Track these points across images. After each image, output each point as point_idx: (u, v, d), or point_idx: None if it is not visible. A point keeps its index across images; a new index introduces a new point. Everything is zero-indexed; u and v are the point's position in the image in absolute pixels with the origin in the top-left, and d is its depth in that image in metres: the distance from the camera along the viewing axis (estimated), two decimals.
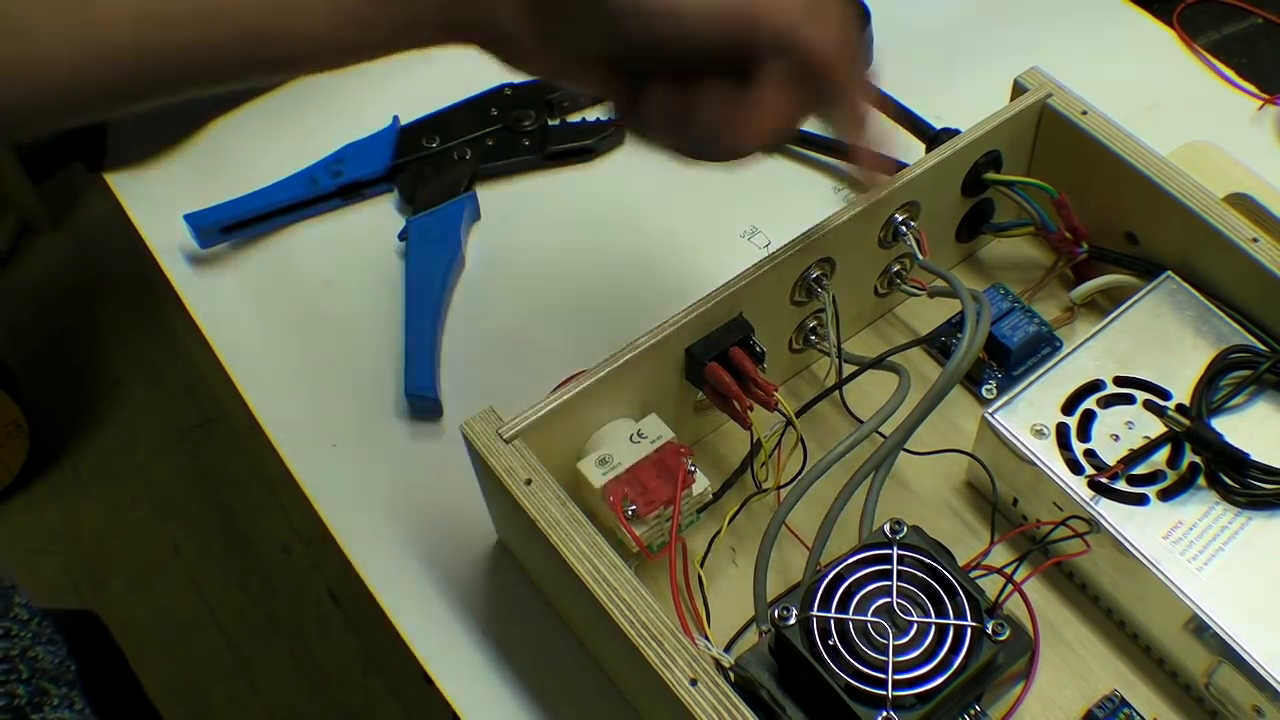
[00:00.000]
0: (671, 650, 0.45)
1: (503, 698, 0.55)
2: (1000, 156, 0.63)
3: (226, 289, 0.71)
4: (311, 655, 1.44)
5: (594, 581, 0.47)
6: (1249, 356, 0.56)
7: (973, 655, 0.46)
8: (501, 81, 0.78)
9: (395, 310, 0.68)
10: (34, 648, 0.40)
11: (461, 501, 0.60)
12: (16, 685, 0.40)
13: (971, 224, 0.66)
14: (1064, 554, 0.54)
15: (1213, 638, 0.49)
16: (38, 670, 0.39)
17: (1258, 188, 0.67)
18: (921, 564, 0.48)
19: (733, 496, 0.58)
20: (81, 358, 1.71)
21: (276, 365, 0.68)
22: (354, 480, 0.63)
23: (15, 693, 0.40)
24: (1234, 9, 0.84)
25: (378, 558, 0.60)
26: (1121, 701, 0.53)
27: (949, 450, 0.59)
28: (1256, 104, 0.76)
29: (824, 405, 0.61)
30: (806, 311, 0.60)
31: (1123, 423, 0.55)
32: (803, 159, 0.76)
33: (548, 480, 0.50)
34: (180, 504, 1.58)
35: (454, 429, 0.64)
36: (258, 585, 1.50)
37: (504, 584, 0.59)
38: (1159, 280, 0.59)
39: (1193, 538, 0.52)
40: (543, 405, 0.52)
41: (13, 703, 0.40)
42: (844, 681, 0.45)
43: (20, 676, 0.39)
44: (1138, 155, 0.60)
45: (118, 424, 1.65)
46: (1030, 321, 0.63)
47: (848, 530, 0.54)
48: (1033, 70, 0.63)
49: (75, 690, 0.42)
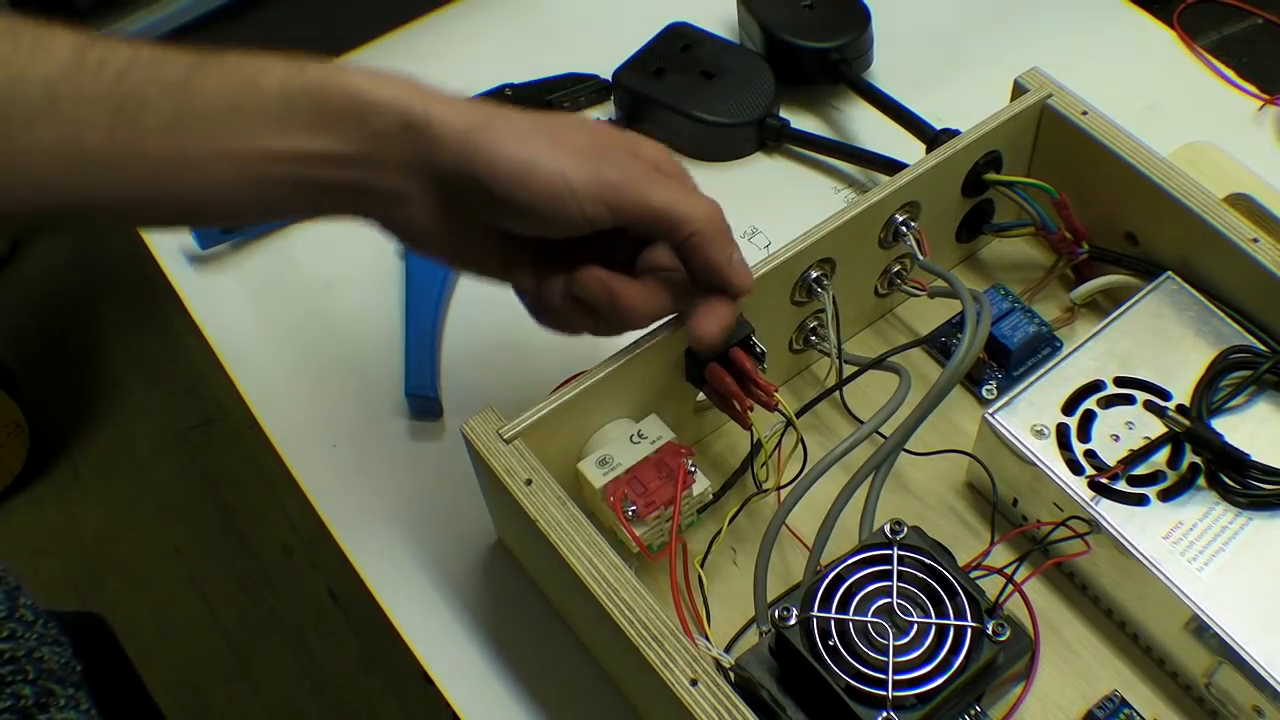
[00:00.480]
0: (671, 650, 0.45)
1: (503, 698, 0.55)
2: (1000, 157, 0.63)
3: (226, 289, 0.71)
4: (311, 655, 1.44)
5: (594, 581, 0.47)
6: (1249, 357, 0.56)
7: (973, 655, 0.46)
8: (502, 82, 0.78)
9: (395, 310, 0.68)
10: (40, 649, 0.40)
11: (461, 501, 0.60)
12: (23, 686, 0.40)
13: (972, 224, 0.66)
14: (1064, 554, 0.54)
15: (1213, 638, 0.49)
16: (44, 671, 0.40)
17: (1258, 188, 0.67)
18: (922, 564, 0.48)
19: (733, 497, 0.58)
20: (81, 358, 1.71)
21: (276, 365, 0.68)
22: (354, 480, 0.63)
23: (21, 693, 0.40)
24: (1234, 9, 0.84)
25: (378, 558, 0.60)
26: (1122, 702, 0.53)
27: (949, 450, 0.59)
28: (1256, 104, 0.76)
29: (824, 405, 0.61)
30: (806, 311, 0.60)
31: (1123, 423, 0.55)
32: (803, 159, 0.76)
33: (548, 480, 0.50)
34: (180, 504, 1.58)
35: (454, 429, 0.64)
36: (258, 585, 1.50)
37: (504, 584, 0.59)
38: (1159, 280, 0.59)
39: (1193, 538, 0.52)
40: (543, 406, 0.52)
41: (19, 704, 0.40)
42: (844, 682, 0.45)
43: (26, 677, 0.39)
44: (1138, 155, 0.60)
45: (118, 424, 1.65)
46: (1030, 322, 0.63)
47: (848, 530, 0.54)
48: (1033, 70, 0.63)
49: (81, 691, 0.42)
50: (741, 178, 0.75)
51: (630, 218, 0.46)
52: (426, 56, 0.82)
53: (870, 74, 0.79)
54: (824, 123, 0.78)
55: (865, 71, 0.79)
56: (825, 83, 0.78)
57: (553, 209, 0.45)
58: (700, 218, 0.47)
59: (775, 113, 0.76)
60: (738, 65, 0.77)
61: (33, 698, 0.38)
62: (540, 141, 0.45)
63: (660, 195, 0.46)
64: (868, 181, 0.74)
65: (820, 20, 0.77)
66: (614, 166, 0.46)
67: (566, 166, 0.45)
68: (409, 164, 0.45)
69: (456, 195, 0.46)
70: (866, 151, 0.74)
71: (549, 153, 0.45)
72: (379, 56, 0.82)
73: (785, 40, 0.77)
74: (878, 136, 0.75)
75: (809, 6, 0.78)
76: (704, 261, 0.47)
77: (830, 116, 0.78)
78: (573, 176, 0.45)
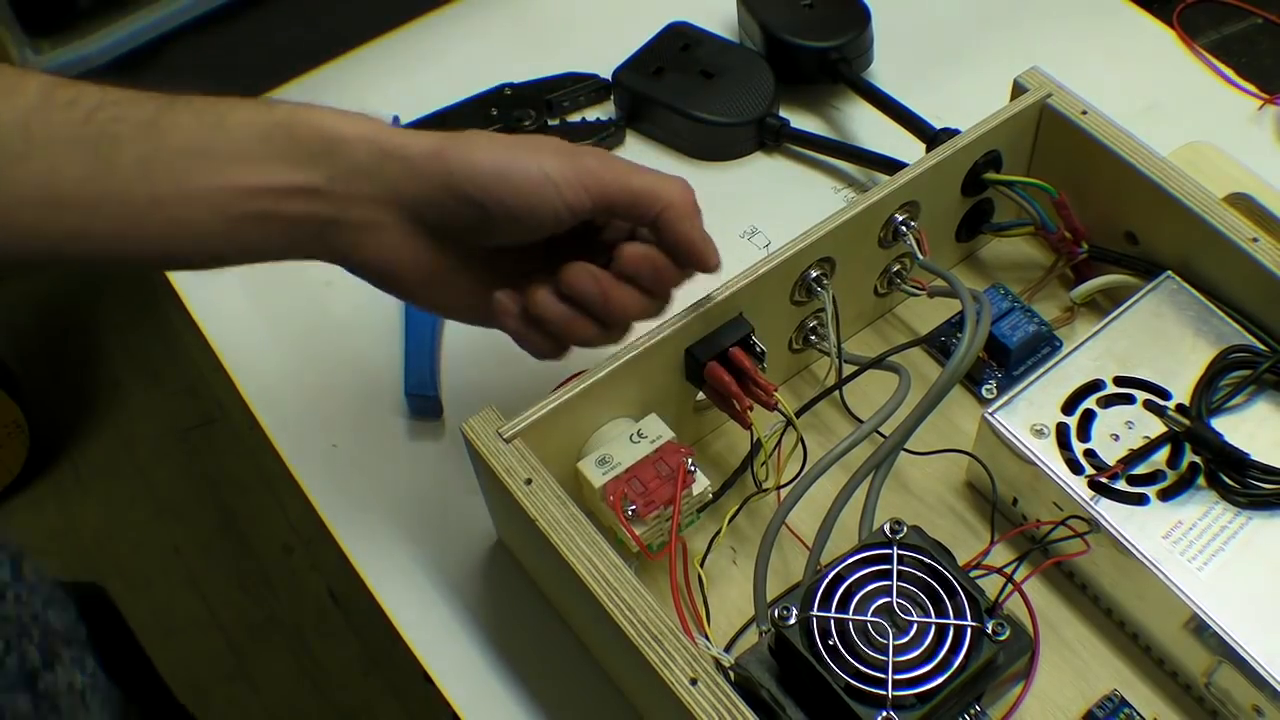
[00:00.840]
0: (671, 650, 0.45)
1: (503, 698, 0.55)
2: (1000, 156, 0.63)
3: (226, 289, 0.71)
4: (311, 655, 1.44)
5: (594, 581, 0.47)
6: (1249, 356, 0.56)
7: (973, 655, 0.46)
8: (501, 81, 0.78)
9: (395, 310, 0.68)
10: (45, 612, 0.41)
11: (461, 501, 0.60)
12: (29, 646, 0.41)
13: (971, 224, 0.66)
14: (1064, 554, 0.54)
15: (1212, 637, 0.49)
16: (49, 632, 0.40)
17: (1258, 188, 0.67)
18: (921, 564, 0.48)
19: (733, 496, 0.58)
20: (81, 358, 1.71)
21: (276, 365, 0.68)
22: (354, 480, 0.63)
23: (27, 653, 0.41)
24: (1234, 9, 0.84)
25: (378, 558, 0.60)
26: (1121, 701, 0.53)
27: (949, 450, 0.59)
28: (1256, 104, 0.76)
29: (824, 405, 0.61)
30: (806, 311, 0.60)
31: (1123, 423, 0.55)
32: (803, 159, 0.76)
33: (548, 480, 0.50)
34: (180, 504, 1.58)
35: (454, 429, 0.64)
36: (258, 585, 1.50)
37: (504, 584, 0.59)
38: (1159, 280, 0.59)
39: (1193, 538, 0.52)
40: (543, 405, 0.52)
41: (25, 664, 0.40)
42: (844, 681, 0.45)
43: (32, 639, 0.40)
44: (1138, 155, 0.60)
45: (118, 424, 1.65)
46: (1030, 321, 0.63)
47: (848, 530, 0.54)
48: (1033, 70, 0.63)
49: (87, 652, 0.43)
50: (741, 177, 0.75)
51: (612, 200, 0.47)
52: (427, 56, 0.82)
53: (870, 74, 0.79)
54: (824, 122, 0.78)
55: (865, 71, 0.79)
56: (825, 82, 0.78)
57: (536, 201, 0.46)
58: (676, 193, 0.48)
59: (775, 112, 0.76)
60: (737, 65, 0.77)
61: (39, 658, 0.39)
62: (511, 146, 0.47)
63: (637, 176, 0.48)
64: (868, 181, 0.74)
65: (820, 20, 0.77)
66: (587, 157, 0.47)
67: (543, 160, 0.46)
68: (380, 194, 0.46)
69: (434, 215, 0.47)
70: (866, 151, 0.74)
71: (523, 152, 0.46)
72: (379, 56, 0.82)
73: (785, 40, 0.77)
74: (878, 136, 0.75)
75: (809, 6, 0.78)
76: (681, 235, 0.48)
77: (830, 116, 0.78)
78: (551, 168, 0.46)
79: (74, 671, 0.40)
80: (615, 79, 0.77)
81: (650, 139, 0.77)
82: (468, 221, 0.47)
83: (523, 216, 0.46)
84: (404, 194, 0.46)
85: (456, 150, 0.46)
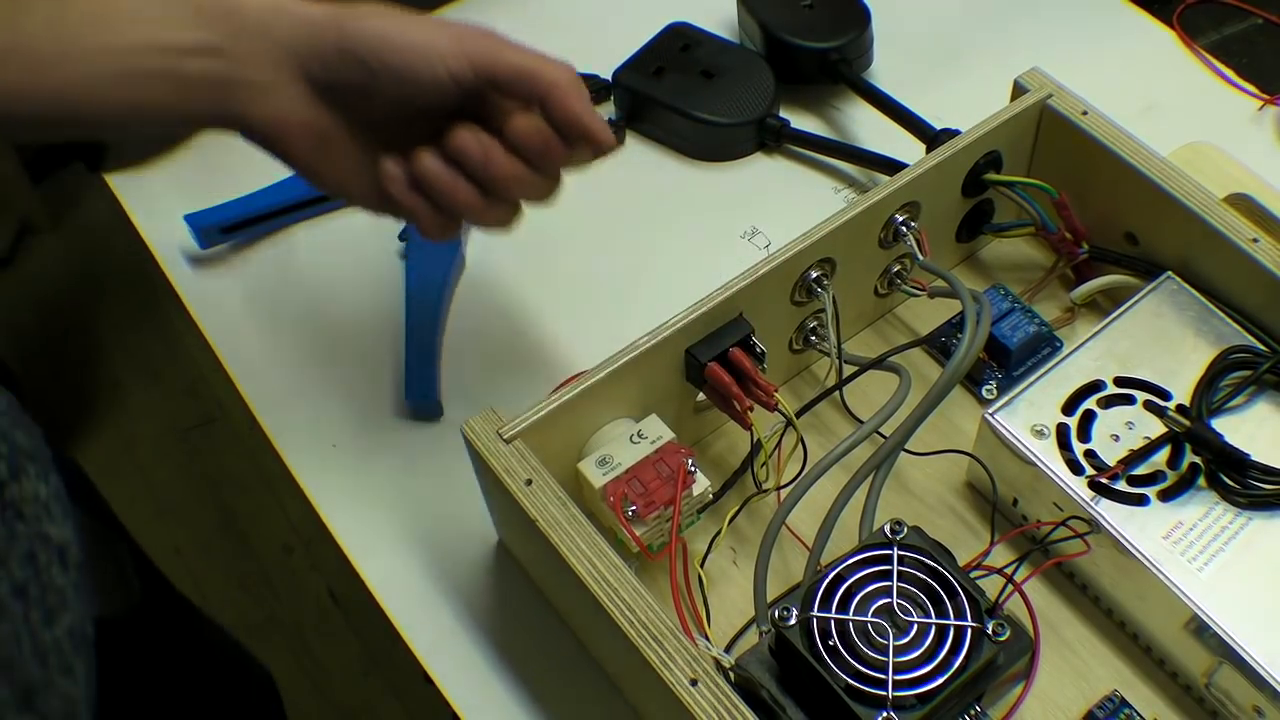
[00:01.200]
0: (671, 650, 0.45)
1: (503, 698, 0.55)
2: (1000, 157, 0.63)
3: (226, 289, 0.71)
4: (311, 655, 1.44)
5: (594, 581, 0.47)
6: (1249, 357, 0.56)
7: (973, 655, 0.46)
8: None
9: (395, 311, 0.68)
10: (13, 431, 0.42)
11: (461, 501, 0.60)
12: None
13: (971, 224, 0.66)
14: (1064, 554, 0.54)
15: (1213, 638, 0.49)
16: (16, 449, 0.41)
17: (1258, 188, 0.67)
18: (922, 564, 0.48)
19: (733, 497, 0.58)
20: (81, 358, 1.71)
21: (276, 365, 0.68)
22: (354, 480, 0.63)
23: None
24: (1234, 9, 0.84)
25: (378, 558, 0.60)
26: (1122, 702, 0.53)
27: (949, 450, 0.59)
28: (1256, 104, 0.76)
29: (824, 405, 0.61)
30: (806, 311, 0.60)
31: (1123, 423, 0.55)
32: (803, 159, 0.76)
33: (548, 480, 0.50)
34: (180, 504, 1.58)
35: (454, 429, 0.64)
36: (258, 585, 1.50)
37: (504, 584, 0.59)
38: (1159, 280, 0.59)
39: (1193, 538, 0.52)
40: (543, 406, 0.52)
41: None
42: (844, 682, 0.45)
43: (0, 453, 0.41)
44: (1138, 155, 0.60)
45: (118, 424, 1.65)
46: (1030, 322, 0.63)
47: (848, 530, 0.54)
48: (1033, 70, 0.63)
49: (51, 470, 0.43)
50: (741, 178, 0.75)
51: (495, 74, 0.49)
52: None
53: (870, 74, 0.79)
54: (824, 123, 0.78)
55: (865, 71, 0.79)
56: (825, 83, 0.78)
57: (421, 65, 0.48)
58: (561, 73, 0.49)
59: (775, 113, 0.76)
60: (738, 65, 0.77)
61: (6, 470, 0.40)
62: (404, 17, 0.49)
63: (521, 55, 0.49)
64: (868, 181, 0.74)
65: (820, 20, 0.77)
66: (476, 34, 0.49)
67: (431, 31, 0.48)
68: (275, 53, 0.48)
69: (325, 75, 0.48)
70: (866, 151, 0.74)
71: (413, 22, 0.49)
72: None
73: (785, 40, 0.77)
74: (878, 136, 0.75)
75: (809, 6, 0.78)
76: (568, 113, 0.49)
77: (830, 116, 0.78)
78: (437, 39, 0.48)
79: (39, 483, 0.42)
80: (615, 79, 0.77)
81: (650, 139, 0.77)
82: (356, 83, 0.48)
83: (407, 80, 0.48)
84: (299, 52, 0.48)
85: (352, 15, 0.48)
